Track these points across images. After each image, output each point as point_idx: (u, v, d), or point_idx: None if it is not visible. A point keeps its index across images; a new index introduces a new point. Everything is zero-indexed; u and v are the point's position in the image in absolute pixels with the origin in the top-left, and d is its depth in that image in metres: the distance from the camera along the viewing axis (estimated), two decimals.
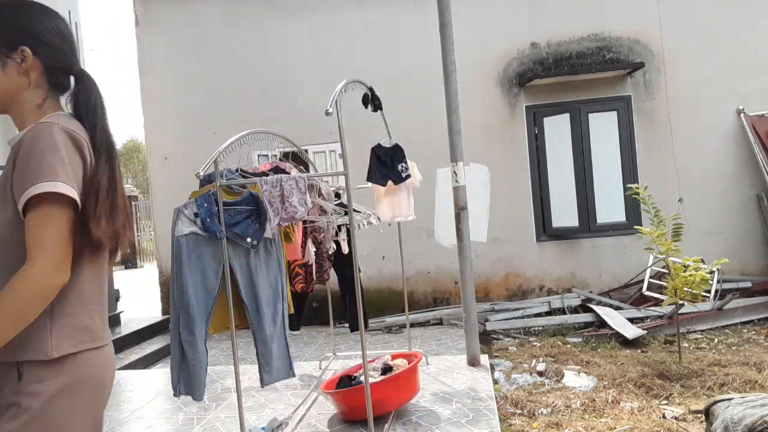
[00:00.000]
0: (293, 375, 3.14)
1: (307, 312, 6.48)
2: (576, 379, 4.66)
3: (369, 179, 4.43)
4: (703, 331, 6.04)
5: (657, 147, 7.19)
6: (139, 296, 11.00)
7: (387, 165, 4.35)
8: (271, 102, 7.56)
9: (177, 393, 2.98)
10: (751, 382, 4.27)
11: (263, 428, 3.27)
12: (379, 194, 4.65)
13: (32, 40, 1.39)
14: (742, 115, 7.01)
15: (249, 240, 2.91)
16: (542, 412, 3.96)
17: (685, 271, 4.86)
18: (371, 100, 4.01)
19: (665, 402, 4.07)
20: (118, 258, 1.65)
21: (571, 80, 7.14)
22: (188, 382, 2.95)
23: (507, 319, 6.64)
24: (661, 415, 3.79)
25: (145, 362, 5.87)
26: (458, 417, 3.45)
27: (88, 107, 1.43)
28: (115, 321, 6.95)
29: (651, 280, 6.61)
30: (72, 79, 1.47)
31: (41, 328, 1.31)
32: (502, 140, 7.36)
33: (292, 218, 2.89)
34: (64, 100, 1.48)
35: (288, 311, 3.14)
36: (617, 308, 6.50)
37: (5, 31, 1.39)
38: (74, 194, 1.30)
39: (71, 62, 1.47)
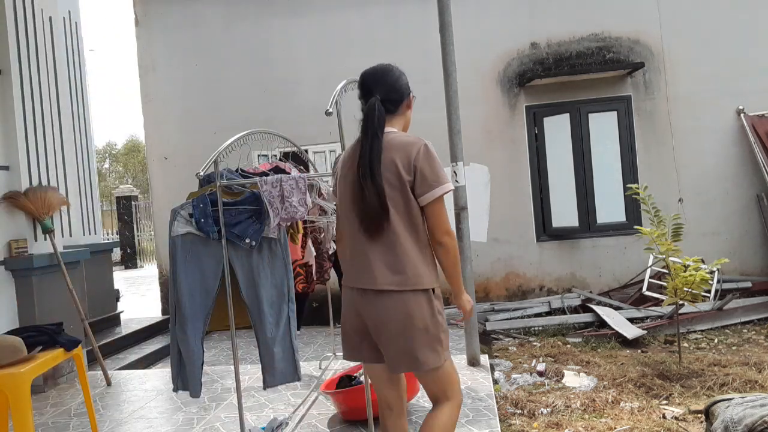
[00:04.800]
0: (299, 379, 3.11)
1: (307, 312, 6.47)
2: (576, 379, 4.66)
3: None
4: (703, 331, 6.04)
5: (657, 147, 7.19)
6: (139, 296, 11.01)
7: None
8: (271, 102, 7.56)
9: (176, 388, 3.03)
10: (751, 382, 4.27)
11: (263, 428, 3.27)
12: None
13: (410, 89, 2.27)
14: (742, 115, 7.01)
15: (247, 241, 2.91)
16: (542, 412, 3.96)
17: (685, 271, 4.86)
18: None
19: (665, 402, 4.07)
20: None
21: (571, 80, 7.14)
22: (184, 379, 2.99)
23: (507, 319, 6.63)
24: (661, 415, 3.79)
25: (145, 362, 5.87)
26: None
27: None
28: (115, 321, 6.96)
29: (651, 280, 6.61)
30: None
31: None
32: (502, 140, 7.36)
33: (292, 218, 2.89)
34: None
35: (295, 314, 3.10)
36: (617, 308, 6.49)
37: (407, 85, 2.27)
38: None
39: None
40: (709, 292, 5.94)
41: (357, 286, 2.11)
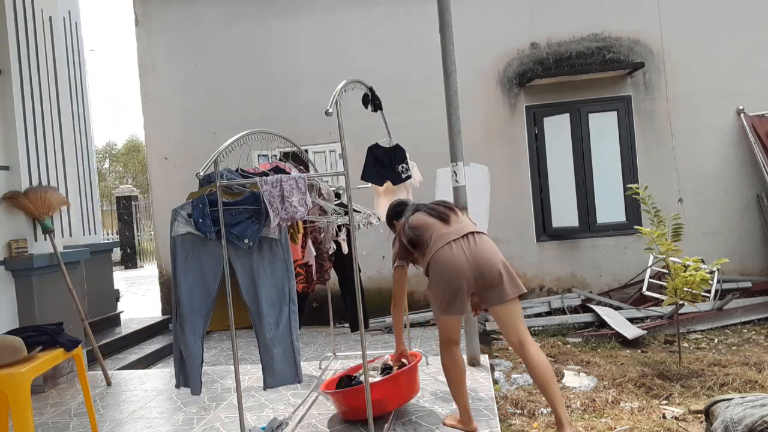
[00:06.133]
0: (299, 381, 3.06)
1: (307, 312, 6.48)
2: (576, 379, 4.66)
3: (363, 178, 4.43)
4: (703, 331, 6.04)
5: (657, 147, 7.19)
6: (139, 296, 11.01)
7: (385, 165, 4.35)
8: (271, 102, 7.56)
9: (178, 384, 3.08)
10: (751, 382, 4.27)
11: (263, 428, 3.27)
12: (378, 194, 4.66)
13: None
14: (742, 115, 7.01)
15: (246, 241, 2.91)
16: (542, 412, 3.96)
17: (685, 271, 4.86)
18: (371, 100, 4.00)
19: (665, 402, 4.07)
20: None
21: (571, 80, 7.14)
22: (185, 376, 3.01)
23: None
24: (661, 415, 3.79)
25: (145, 362, 5.87)
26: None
27: None
28: (115, 321, 6.96)
29: (651, 280, 6.61)
30: None
31: None
32: (502, 140, 7.36)
33: (292, 218, 2.88)
34: None
35: (297, 315, 3.08)
36: (617, 308, 6.50)
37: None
38: None
39: None
40: (709, 292, 5.94)
41: (462, 234, 2.94)
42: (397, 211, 3.54)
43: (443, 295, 2.95)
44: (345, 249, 4.66)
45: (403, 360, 3.59)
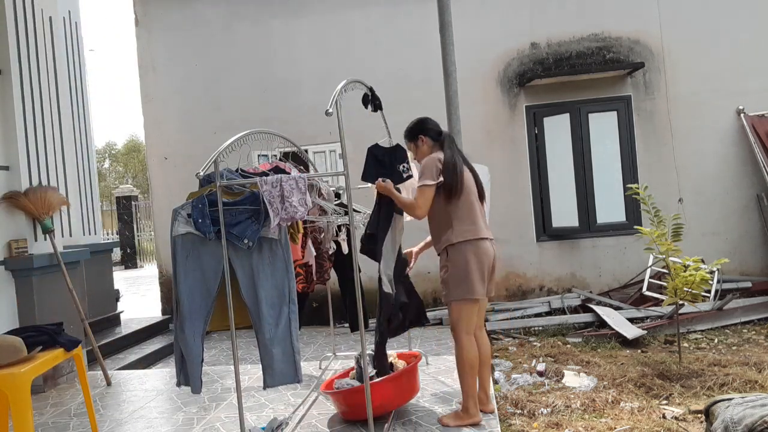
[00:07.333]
0: (299, 381, 3.06)
1: (307, 312, 6.47)
2: (576, 379, 4.66)
3: (364, 179, 4.42)
4: (703, 331, 6.04)
5: (657, 147, 7.19)
6: (139, 296, 11.01)
7: (386, 165, 4.34)
8: (271, 102, 7.56)
9: (179, 383, 3.09)
10: (751, 382, 4.27)
11: (263, 428, 3.27)
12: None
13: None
14: (742, 115, 7.01)
15: (245, 241, 2.91)
16: (542, 412, 3.96)
17: (685, 271, 4.86)
18: (371, 100, 3.99)
19: (665, 402, 4.07)
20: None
21: (571, 80, 7.14)
22: (186, 374, 3.01)
23: (507, 319, 6.64)
24: (661, 415, 3.79)
25: (145, 362, 5.87)
26: None
27: None
28: (115, 321, 6.96)
29: (651, 280, 6.61)
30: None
31: None
32: (502, 140, 7.36)
33: (292, 218, 2.88)
34: None
35: (296, 315, 3.08)
36: (617, 308, 6.50)
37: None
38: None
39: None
40: (709, 292, 5.94)
41: (490, 237, 3.35)
42: (428, 127, 3.59)
43: (474, 279, 3.24)
44: (345, 249, 4.66)
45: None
